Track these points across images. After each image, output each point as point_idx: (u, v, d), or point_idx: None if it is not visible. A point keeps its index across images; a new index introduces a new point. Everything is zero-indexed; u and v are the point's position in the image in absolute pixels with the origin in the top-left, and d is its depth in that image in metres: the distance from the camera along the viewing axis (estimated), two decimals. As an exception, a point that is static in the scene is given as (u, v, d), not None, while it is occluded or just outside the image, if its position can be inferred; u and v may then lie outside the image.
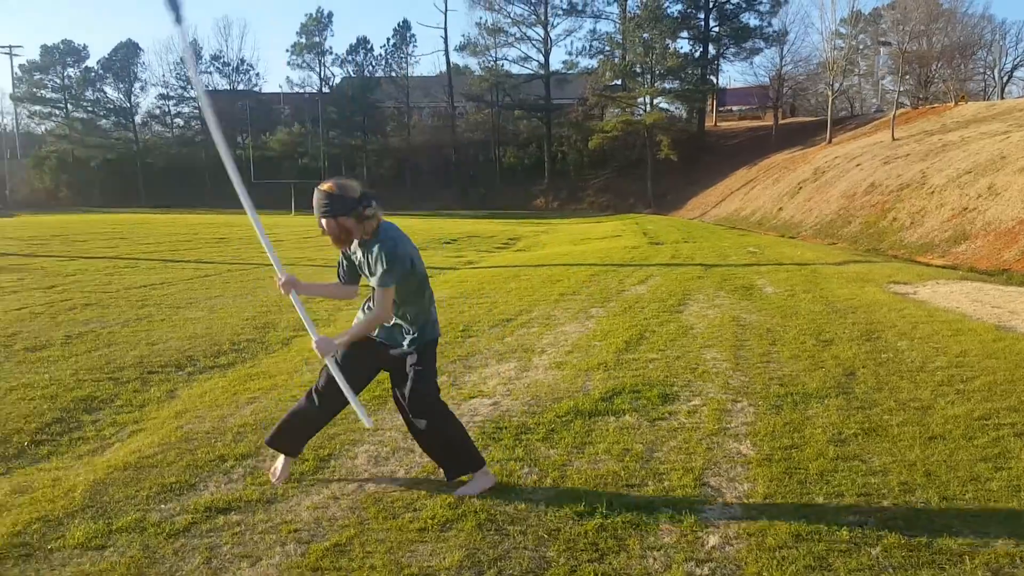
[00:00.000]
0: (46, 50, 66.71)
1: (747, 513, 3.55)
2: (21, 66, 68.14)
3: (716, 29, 56.30)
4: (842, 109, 56.35)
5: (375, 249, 3.69)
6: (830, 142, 41.69)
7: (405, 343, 3.89)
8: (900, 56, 42.81)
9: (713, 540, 3.29)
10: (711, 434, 4.62)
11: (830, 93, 46.84)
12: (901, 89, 44.21)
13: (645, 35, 52.88)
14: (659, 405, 5.21)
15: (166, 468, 4.18)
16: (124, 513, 3.63)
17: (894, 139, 32.68)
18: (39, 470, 4.30)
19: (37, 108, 69.93)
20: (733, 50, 57.07)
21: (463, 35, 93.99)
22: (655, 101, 55.47)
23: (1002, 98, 49.86)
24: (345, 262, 3.96)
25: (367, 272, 3.82)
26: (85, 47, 67.51)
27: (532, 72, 60.98)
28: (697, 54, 55.96)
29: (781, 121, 54.41)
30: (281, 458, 4.04)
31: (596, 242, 23.24)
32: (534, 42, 60.55)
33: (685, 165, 51.68)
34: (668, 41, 53.78)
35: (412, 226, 32.67)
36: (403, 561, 3.14)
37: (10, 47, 70.06)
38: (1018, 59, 59.88)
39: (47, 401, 5.53)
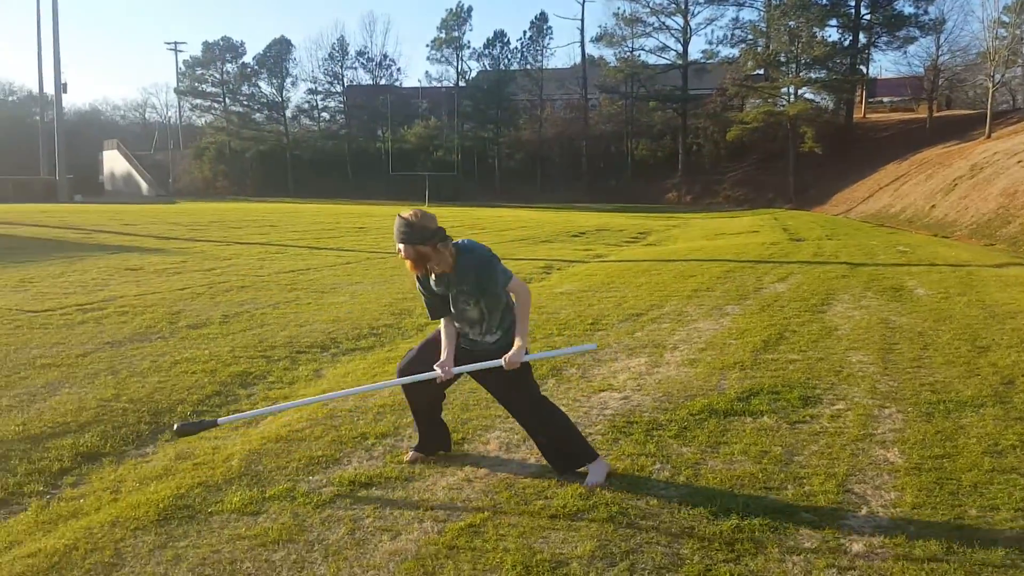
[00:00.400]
0: (207, 46, 71.37)
1: (894, 523, 3.37)
2: (185, 62, 73.30)
3: (868, 17, 53.22)
4: (1003, 102, 52.03)
5: (470, 270, 3.81)
6: (989, 137, 38.66)
7: (493, 344, 3.94)
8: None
9: (857, 548, 3.15)
10: (855, 440, 4.41)
11: (990, 85, 43.35)
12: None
13: (791, 23, 50.71)
14: (799, 408, 5.02)
15: (313, 442, 4.42)
16: (276, 482, 3.87)
17: (1068, 132, 29.90)
18: (200, 439, 4.63)
19: (198, 102, 75.01)
20: (885, 39, 53.75)
21: (600, 26, 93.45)
22: (800, 91, 53.11)
23: None
24: (435, 298, 3.95)
25: (475, 294, 3.86)
26: (242, 44, 71.80)
27: (669, 62, 59.80)
28: (846, 43, 53.10)
29: (935, 114, 50.90)
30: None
31: (731, 237, 22.60)
32: (673, 32, 59.38)
33: (830, 158, 49.28)
34: (815, 29, 51.33)
35: (541, 219, 32.87)
36: (535, 546, 3.19)
37: (175, 43, 75.74)
38: None
39: (207, 375, 5.95)
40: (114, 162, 76.31)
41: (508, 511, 3.53)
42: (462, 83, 66.39)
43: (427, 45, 68.13)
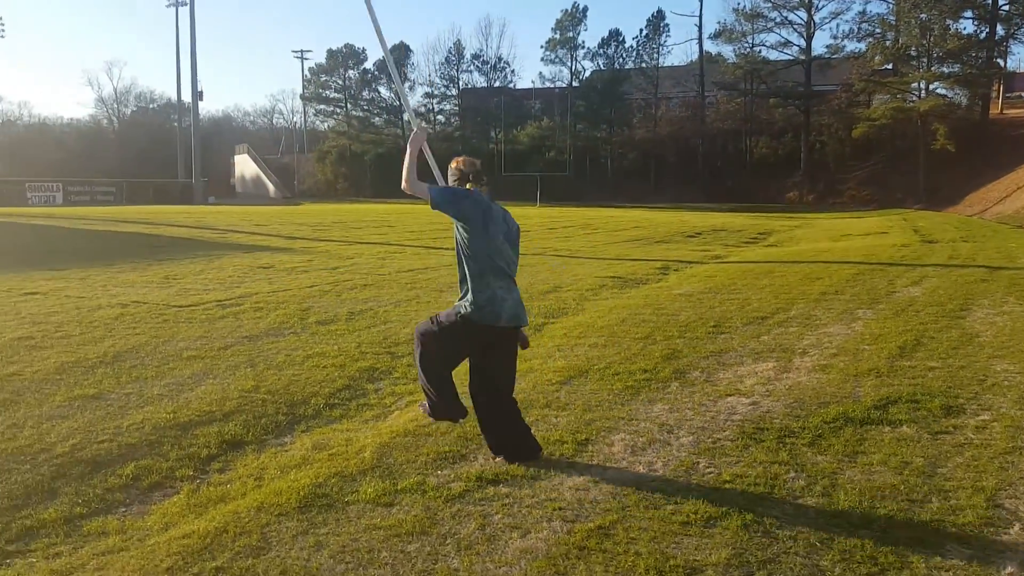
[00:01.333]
0: (331, 54, 74.13)
1: (1056, 546, 3.14)
2: (310, 69, 76.40)
3: (1006, 7, 49.71)
4: None
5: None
6: None
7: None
8: None
9: (1011, 567, 2.95)
10: (1004, 452, 4.14)
11: None
12: None
13: (922, 15, 47.98)
14: (941, 418, 4.75)
15: (440, 438, 4.52)
16: (406, 475, 3.98)
17: None
18: (333, 430, 4.82)
19: (322, 107, 78.00)
20: (1027, 29, 50.10)
21: (718, 22, 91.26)
22: (931, 87, 50.24)
23: None
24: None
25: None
26: (364, 50, 74.12)
27: (792, 58, 57.73)
28: (982, 35, 49.80)
29: (1087, 106, 47.02)
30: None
31: (858, 239, 21.62)
32: (795, 26, 57.26)
33: (964, 156, 46.32)
34: (949, 21, 48.39)
35: (655, 219, 32.43)
36: (668, 552, 3.15)
37: (302, 52, 78.93)
38: None
39: (337, 369, 6.18)
40: (244, 166, 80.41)
41: (637, 515, 3.49)
42: (576, 83, 66.29)
43: (541, 46, 68.59)
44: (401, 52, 71.38)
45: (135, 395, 5.43)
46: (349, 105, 74.35)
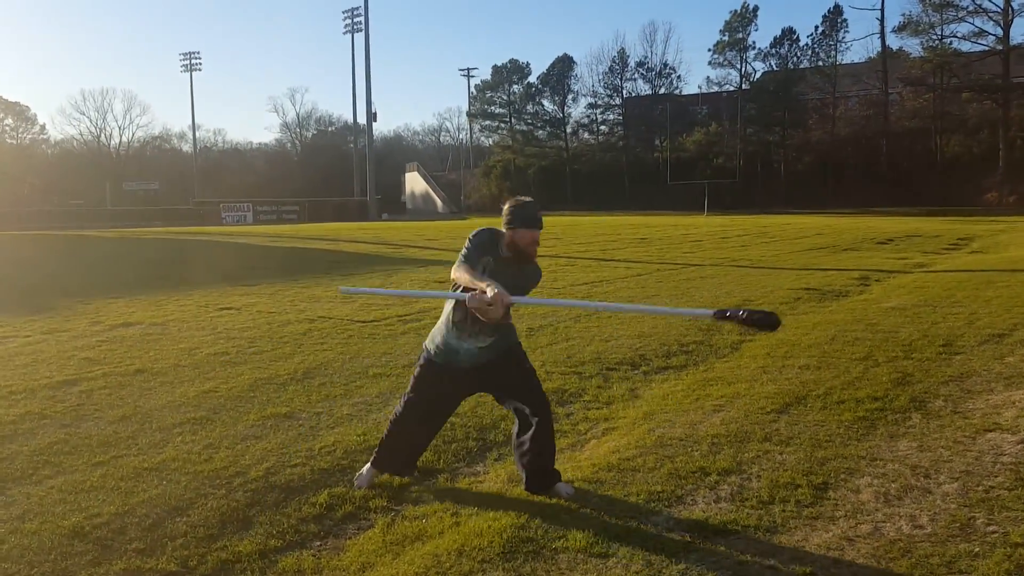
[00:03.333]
0: (496, 70, 75.71)
1: None
2: (476, 86, 78.40)
3: None
4: None
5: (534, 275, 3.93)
6: None
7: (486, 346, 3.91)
8: None
9: None
10: None
11: None
12: None
13: None
14: None
15: (648, 474, 4.02)
16: (619, 519, 3.50)
17: None
18: (528, 460, 4.42)
19: (487, 123, 79.84)
20: None
21: (903, 14, 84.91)
22: None
23: None
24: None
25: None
26: (527, 64, 75.18)
27: (987, 48, 52.82)
28: None
29: None
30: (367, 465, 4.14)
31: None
32: (991, 14, 52.32)
33: None
34: None
35: (837, 225, 30.31)
36: (967, 643, 2.48)
37: (468, 70, 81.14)
38: None
39: (524, 390, 5.81)
40: (414, 183, 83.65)
41: (913, 586, 2.83)
42: (745, 86, 63.85)
43: (708, 50, 66.67)
44: (565, 64, 71.69)
45: (325, 415, 5.30)
46: (513, 119, 75.55)
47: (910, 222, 32.53)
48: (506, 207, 3.85)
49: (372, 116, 63.51)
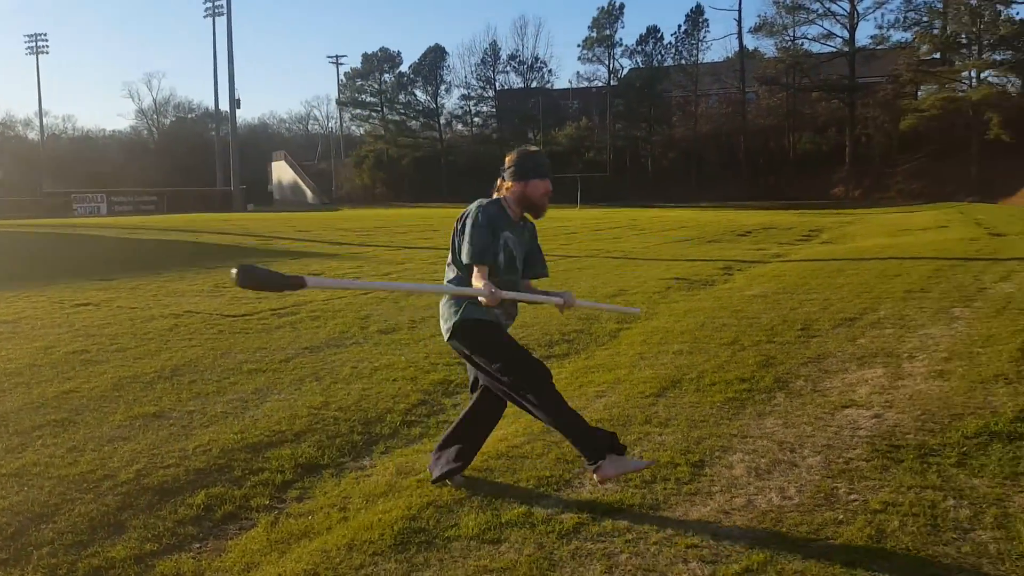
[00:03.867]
0: (366, 58, 74.33)
1: None
2: (346, 74, 76.72)
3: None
4: None
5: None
6: None
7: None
8: None
9: None
10: None
11: None
12: None
13: (972, 1, 46.62)
14: (1106, 433, 4.19)
15: (537, 460, 4.08)
16: (509, 505, 3.54)
17: None
18: (416, 452, 4.40)
19: (358, 112, 78.31)
20: (1086, 10, 48.38)
21: (759, 15, 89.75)
22: (983, 75, 48.74)
23: None
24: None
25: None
26: (399, 53, 74.24)
27: (835, 50, 56.57)
28: (1038, 18, 48.24)
29: None
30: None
31: (919, 233, 20.78)
32: (838, 17, 56.03)
33: (1020, 146, 44.83)
34: (999, 7, 46.97)
35: (701, 218, 31.71)
36: (836, 602, 2.67)
37: (337, 57, 79.19)
38: None
39: (409, 383, 5.77)
40: (281, 172, 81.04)
41: (786, 553, 3.01)
42: (614, 82, 65.61)
43: (578, 45, 67.89)
44: (437, 55, 71.31)
45: (198, 413, 5.07)
46: (385, 109, 74.45)
47: (767, 215, 34.46)
48: (511, 158, 3.56)
49: (235, 103, 61.06)
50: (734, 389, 5.30)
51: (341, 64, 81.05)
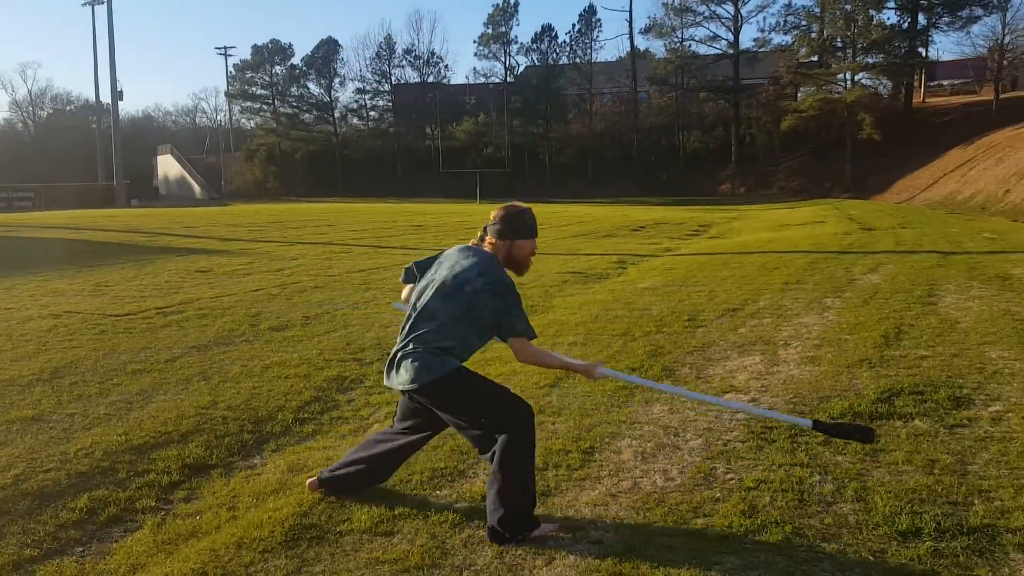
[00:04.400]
0: (256, 50, 72.09)
1: (1122, 547, 2.94)
2: (235, 65, 74.10)
3: (927, -3, 51.53)
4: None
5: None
6: (1065, 116, 37.03)
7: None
8: None
9: (1090, 579, 2.73)
10: (1033, 446, 3.96)
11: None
12: None
13: (847, 7, 49.32)
14: (952, 410, 4.57)
15: (432, 452, 4.11)
16: (403, 498, 3.57)
17: None
18: (308, 448, 4.37)
19: (248, 104, 75.80)
20: (947, 19, 51.90)
21: (649, 17, 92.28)
22: (856, 77, 51.60)
23: None
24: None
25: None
26: (291, 45, 72.28)
27: (720, 52, 58.68)
28: (905, 25, 51.46)
29: (1002, 95, 48.98)
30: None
31: (798, 228, 21.89)
32: (723, 20, 58.12)
33: (890, 145, 47.79)
34: (872, 12, 49.87)
35: (596, 213, 32.40)
36: (711, 573, 2.83)
37: (225, 48, 76.39)
38: None
39: (302, 380, 5.70)
40: (168, 166, 77.74)
41: (668, 531, 3.17)
42: (510, 79, 66.00)
43: (474, 41, 67.86)
44: (330, 48, 69.94)
45: (80, 416, 4.86)
46: (277, 102, 72.46)
47: (659, 211, 35.52)
48: (500, 215, 3.37)
49: (117, 94, 58.06)
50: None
51: (230, 56, 78.41)
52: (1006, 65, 50.57)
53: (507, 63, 66.12)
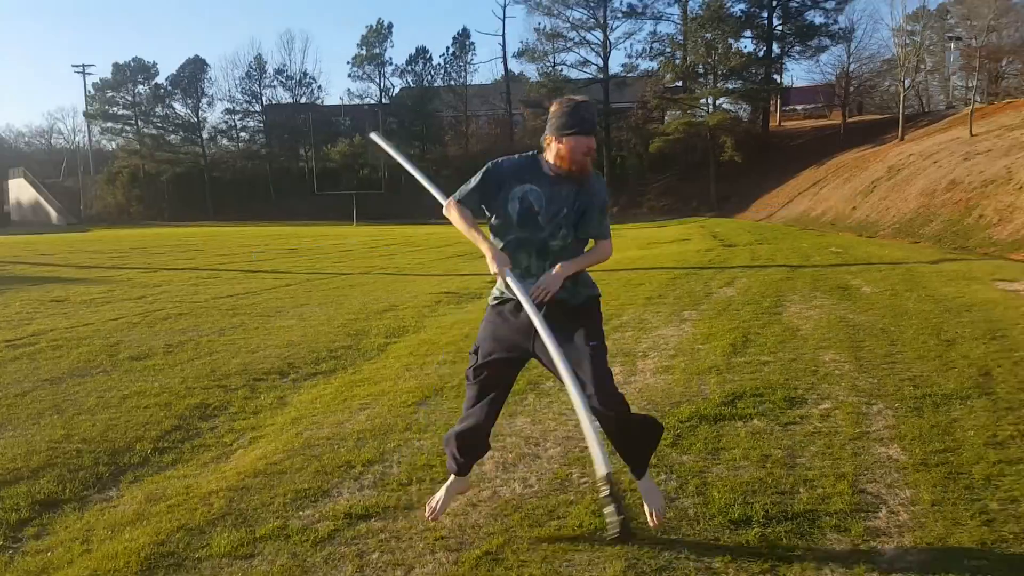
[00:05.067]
0: (118, 68, 68.93)
1: (918, 521, 3.32)
2: (94, 84, 70.58)
3: (780, 27, 55.29)
4: (909, 106, 54.72)
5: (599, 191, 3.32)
6: (902, 140, 40.45)
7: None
8: (976, 51, 41.34)
9: (891, 551, 3.08)
10: (853, 438, 4.38)
11: (901, 90, 45.53)
12: (972, 85, 42.73)
13: (707, 35, 52.20)
14: (786, 409, 4.99)
15: (296, 475, 4.13)
16: (264, 520, 3.58)
17: (972, 135, 31.49)
18: (167, 478, 4.29)
19: (109, 125, 72.29)
20: (798, 48, 55.88)
21: (521, 41, 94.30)
22: (718, 102, 54.62)
23: (1083, 89, 47.66)
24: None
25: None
26: (155, 64, 69.54)
27: (591, 76, 60.71)
28: (761, 53, 54.96)
29: (848, 119, 53.05)
30: (442, 490, 3.56)
31: (665, 246, 22.90)
32: (593, 46, 60.29)
33: (750, 166, 50.75)
34: (731, 41, 53.02)
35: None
36: (561, 571, 3.01)
37: (83, 66, 72.35)
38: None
39: (162, 409, 5.56)
40: (20, 191, 72.90)
41: (523, 534, 3.34)
42: (385, 100, 65.92)
43: (348, 62, 67.43)
44: (197, 67, 67.75)
45: (-88, 458, 4.57)
46: (140, 122, 69.44)
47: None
48: (553, 109, 3.15)
49: (-39, 112, 54.11)
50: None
51: (88, 74, 74.52)
52: (852, 91, 54.79)
53: (382, 84, 66.09)
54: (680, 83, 57.33)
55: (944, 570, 2.89)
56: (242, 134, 71.93)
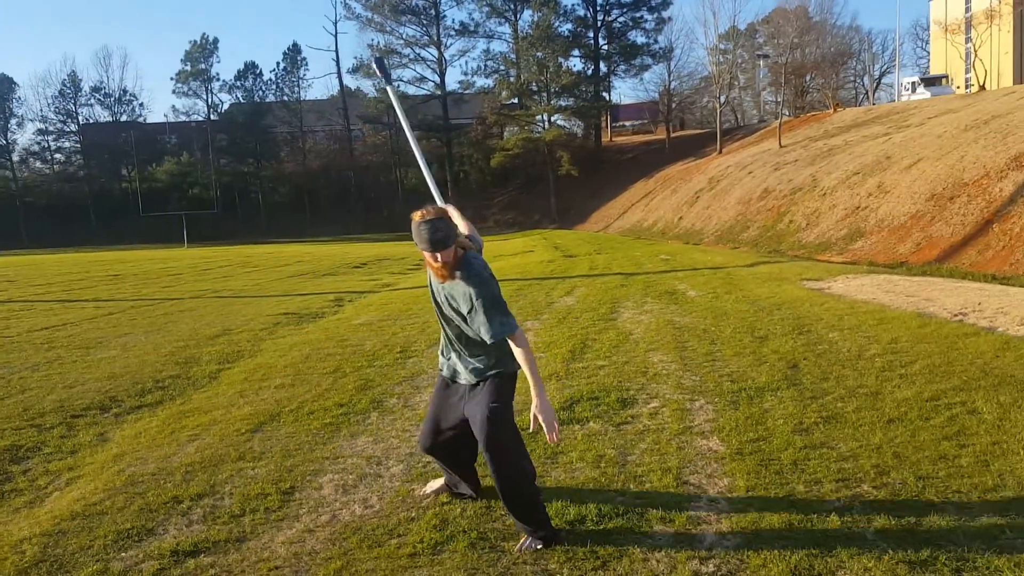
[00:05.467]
0: None
1: (735, 507, 3.57)
2: None
3: (606, 47, 57.96)
4: (726, 121, 58.83)
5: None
6: (721, 152, 43.38)
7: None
8: (781, 68, 45.06)
9: (710, 537, 3.29)
10: (678, 434, 4.65)
11: (717, 105, 48.84)
12: (780, 99, 46.53)
13: (539, 54, 53.81)
14: (620, 410, 5.21)
15: (117, 514, 3.88)
16: (83, 565, 3.34)
17: (781, 146, 34.24)
18: (-29, 529, 3.90)
19: None
20: (623, 67, 58.81)
21: (355, 57, 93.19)
22: (553, 118, 56.46)
23: (872, 103, 53.11)
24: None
25: (455, 311, 3.50)
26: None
27: (429, 92, 61.00)
28: (589, 72, 57.36)
29: (672, 134, 56.29)
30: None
31: (510, 258, 23.32)
32: (429, 63, 60.69)
33: (586, 180, 52.73)
34: (561, 59, 54.92)
35: (317, 252, 32.01)
36: (401, 588, 3.00)
37: None
38: (885, 66, 64.02)
39: (-36, 455, 5.05)
40: None
41: (361, 556, 3.29)
42: (214, 116, 63.25)
43: (171, 78, 64.08)
44: (4, 86, 62.32)
45: None
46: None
47: (381, 247, 35.88)
48: None
49: None
50: (332, 415, 5.55)
51: None
52: (674, 107, 58.18)
53: (210, 100, 63.41)
54: (516, 100, 58.72)
55: (755, 550, 3.12)
56: (57, 156, 66.83)
